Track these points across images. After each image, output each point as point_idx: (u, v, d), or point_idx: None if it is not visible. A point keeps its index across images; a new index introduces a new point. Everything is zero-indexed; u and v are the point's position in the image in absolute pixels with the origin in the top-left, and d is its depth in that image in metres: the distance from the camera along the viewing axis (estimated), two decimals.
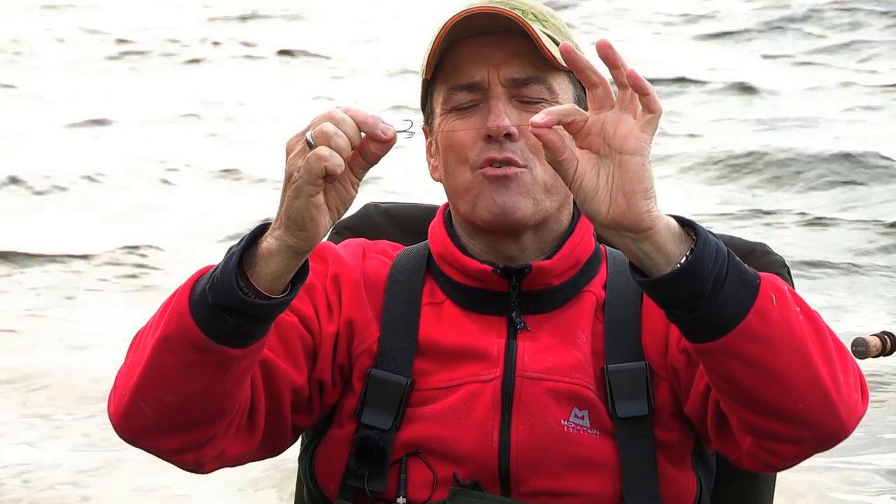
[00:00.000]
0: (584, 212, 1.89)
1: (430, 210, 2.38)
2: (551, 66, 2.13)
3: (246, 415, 2.05)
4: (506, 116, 2.11)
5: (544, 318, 2.16)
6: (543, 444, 2.08)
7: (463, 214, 2.18)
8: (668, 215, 1.90)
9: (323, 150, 1.84)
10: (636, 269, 1.91)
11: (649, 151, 1.86)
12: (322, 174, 1.85)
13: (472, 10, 2.12)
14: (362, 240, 2.29)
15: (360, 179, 1.90)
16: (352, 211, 2.33)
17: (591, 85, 1.87)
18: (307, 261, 1.93)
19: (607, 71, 1.86)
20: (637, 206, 1.85)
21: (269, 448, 2.13)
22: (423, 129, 2.23)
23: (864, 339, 2.26)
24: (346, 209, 1.91)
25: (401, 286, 2.19)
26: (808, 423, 1.95)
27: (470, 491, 2.07)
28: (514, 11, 2.11)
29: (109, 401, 2.02)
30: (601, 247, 2.23)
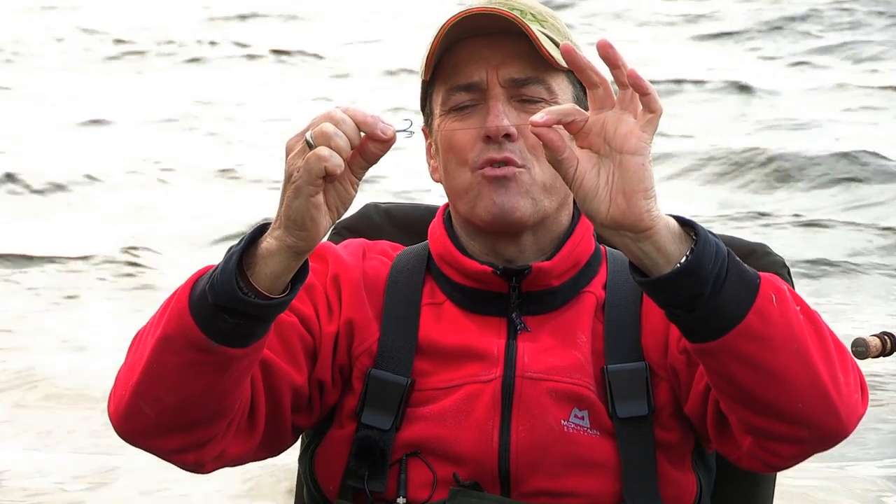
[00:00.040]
0: (584, 211, 1.89)
1: (429, 210, 2.37)
2: (550, 66, 2.13)
3: (246, 415, 2.05)
4: (504, 117, 2.11)
5: (544, 318, 2.16)
6: (543, 445, 2.07)
7: (462, 215, 2.18)
8: (667, 215, 1.90)
9: (323, 151, 1.84)
10: (636, 269, 1.91)
11: (650, 151, 1.86)
12: (322, 174, 1.85)
13: (470, 11, 2.12)
14: (362, 240, 2.29)
15: (359, 179, 1.91)
16: (352, 211, 2.33)
17: (592, 85, 1.87)
18: (307, 261, 1.93)
19: (607, 71, 1.86)
20: (637, 206, 1.85)
21: (269, 448, 2.12)
22: (423, 130, 2.23)
23: (864, 340, 2.26)
24: (345, 209, 1.91)
25: (401, 286, 2.19)
26: (808, 423, 1.95)
27: (470, 491, 2.06)
28: (513, 12, 2.11)
29: (109, 401, 2.02)
30: (601, 247, 2.23)
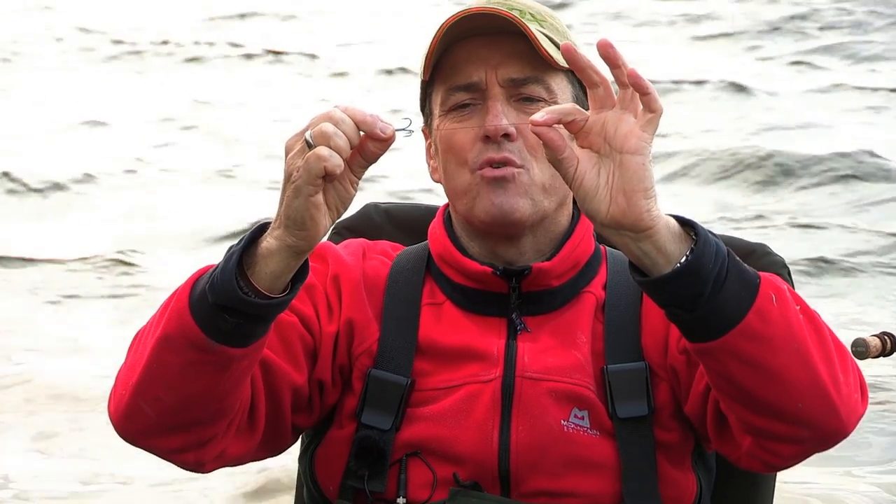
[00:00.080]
0: (584, 211, 1.89)
1: (430, 210, 2.37)
2: (549, 65, 2.13)
3: (246, 414, 2.05)
4: (503, 116, 2.11)
5: (544, 319, 2.15)
6: (543, 445, 2.07)
7: (462, 215, 2.18)
8: (667, 215, 1.90)
9: (322, 151, 1.84)
10: (636, 269, 1.91)
11: (650, 151, 1.86)
12: (321, 174, 1.85)
13: (469, 11, 2.11)
14: (362, 240, 2.29)
15: (359, 178, 1.91)
16: (352, 211, 2.33)
17: (592, 84, 1.87)
18: (307, 260, 1.93)
19: (608, 70, 1.86)
20: (637, 206, 1.85)
21: (270, 448, 2.12)
22: (423, 130, 2.23)
23: (864, 340, 2.26)
24: (345, 208, 1.91)
25: (401, 287, 2.19)
26: (808, 423, 1.95)
27: (470, 491, 2.07)
28: (512, 12, 2.11)
29: (110, 400, 2.02)
30: (601, 247, 2.23)
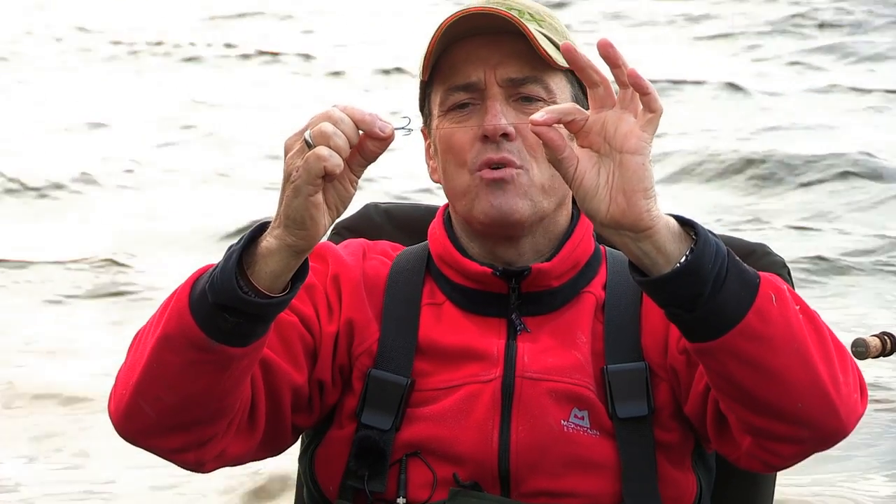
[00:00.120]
0: (583, 210, 1.89)
1: (429, 210, 2.37)
2: (548, 65, 2.13)
3: (246, 414, 2.05)
4: (502, 116, 2.11)
5: (544, 319, 2.15)
6: (543, 445, 2.07)
7: (461, 215, 2.18)
8: (667, 214, 1.90)
9: (322, 150, 1.84)
10: (636, 269, 1.91)
11: (650, 151, 1.86)
12: (321, 174, 1.84)
13: (468, 11, 2.11)
14: (362, 240, 2.28)
15: (358, 177, 1.91)
16: (352, 211, 2.33)
17: (593, 84, 1.87)
18: (307, 260, 1.93)
19: (608, 70, 1.85)
20: (637, 206, 1.85)
21: (270, 447, 2.12)
22: (422, 130, 2.23)
23: (864, 340, 2.26)
24: (345, 207, 1.91)
25: (401, 287, 2.19)
26: (808, 423, 1.95)
27: (470, 491, 2.06)
28: (511, 12, 2.11)
29: (110, 400, 2.02)
30: (601, 247, 2.23)
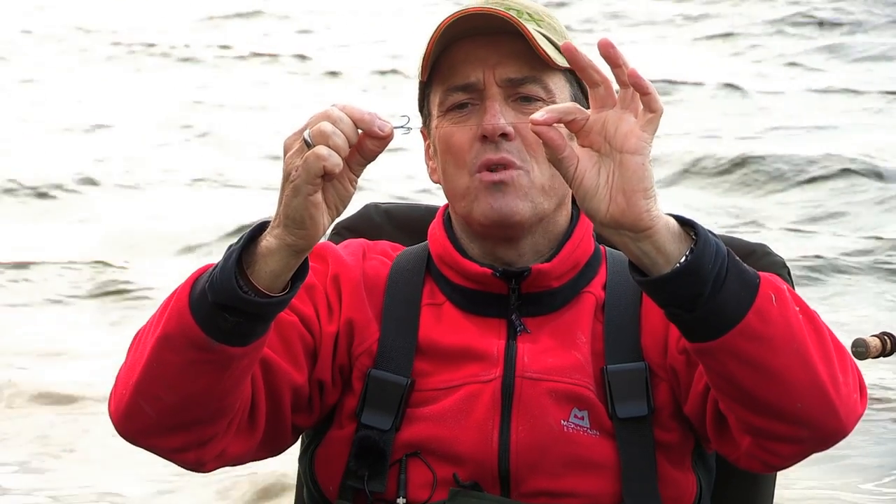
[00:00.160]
0: (583, 210, 1.89)
1: (429, 210, 2.37)
2: (547, 65, 2.12)
3: (246, 414, 2.05)
4: (501, 116, 2.11)
5: (544, 320, 2.15)
6: (543, 445, 2.07)
7: (461, 216, 2.18)
8: (667, 214, 1.90)
9: (321, 150, 1.84)
10: (636, 269, 1.91)
11: (650, 151, 1.86)
12: (320, 174, 1.85)
13: (466, 11, 2.11)
14: (362, 240, 2.28)
15: (358, 176, 1.91)
16: (352, 211, 2.33)
17: (594, 83, 1.87)
18: (307, 259, 1.93)
19: (608, 69, 1.85)
20: (636, 206, 1.85)
21: (270, 447, 2.12)
22: (422, 131, 2.23)
23: (864, 340, 2.26)
24: (344, 207, 1.91)
25: (401, 287, 2.18)
26: (807, 423, 1.95)
27: (470, 491, 2.06)
28: (509, 12, 2.11)
29: (110, 400, 2.02)
30: (601, 247, 2.22)
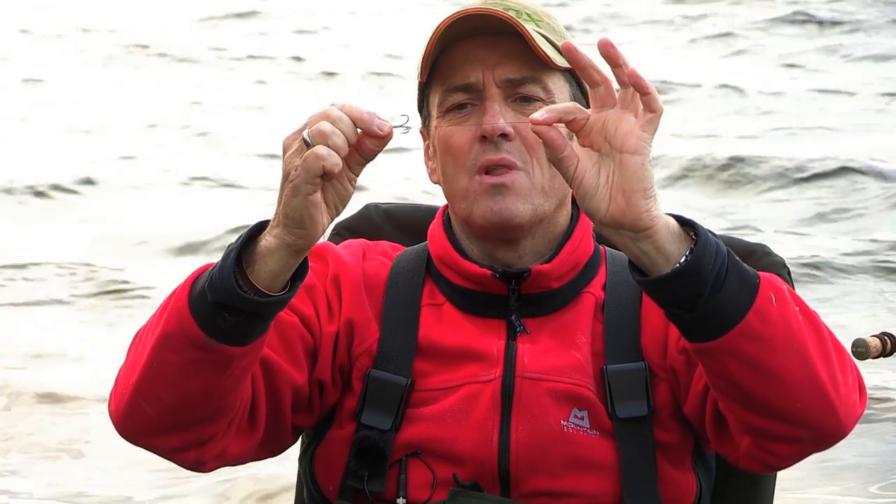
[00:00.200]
0: (583, 209, 1.89)
1: (429, 211, 2.37)
2: (546, 65, 2.12)
3: (247, 413, 2.05)
4: (501, 116, 2.11)
5: (544, 320, 2.15)
6: (543, 445, 2.07)
7: (461, 218, 2.18)
8: (667, 214, 1.90)
9: (321, 150, 1.84)
10: (636, 269, 1.91)
11: (650, 151, 1.86)
12: (320, 173, 1.85)
13: (466, 12, 2.11)
14: (362, 240, 2.28)
15: (357, 176, 1.91)
16: (352, 211, 2.33)
17: (594, 83, 1.87)
18: (306, 259, 1.93)
19: (608, 69, 1.85)
20: (636, 206, 1.85)
21: (270, 447, 2.12)
22: (421, 132, 2.23)
23: (864, 340, 2.26)
24: (344, 206, 1.91)
25: (401, 287, 2.18)
26: (807, 423, 1.95)
27: (470, 491, 2.06)
28: (508, 12, 2.11)
29: (110, 400, 2.02)
30: (601, 247, 2.22)
